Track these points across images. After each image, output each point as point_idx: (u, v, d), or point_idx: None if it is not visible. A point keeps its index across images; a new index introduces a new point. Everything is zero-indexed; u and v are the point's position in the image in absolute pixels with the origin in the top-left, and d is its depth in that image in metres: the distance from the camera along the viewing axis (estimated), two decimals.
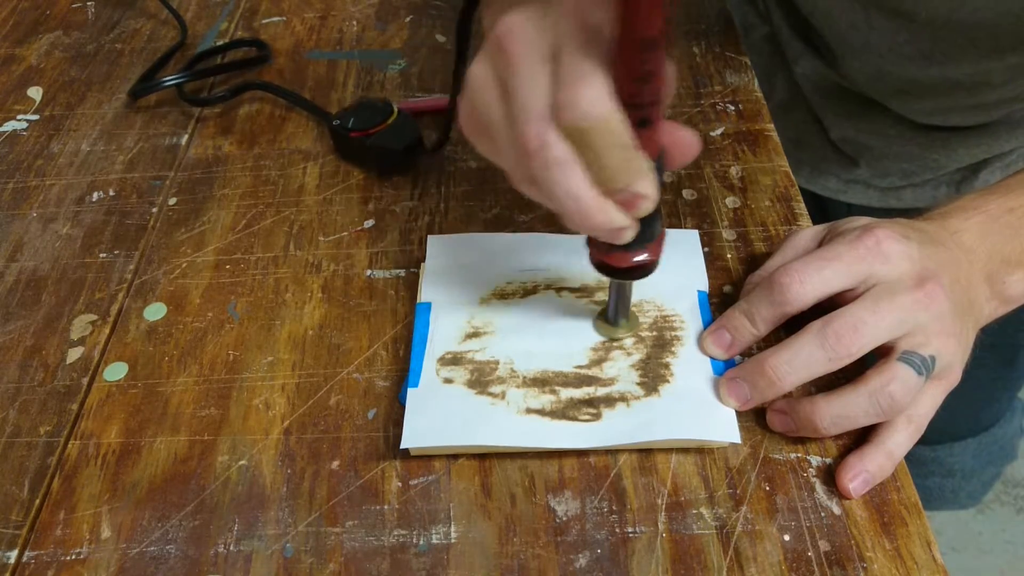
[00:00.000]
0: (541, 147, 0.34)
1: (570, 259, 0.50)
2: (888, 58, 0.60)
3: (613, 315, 0.46)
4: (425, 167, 0.59)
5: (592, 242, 0.40)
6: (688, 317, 0.47)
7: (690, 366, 0.45)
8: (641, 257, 0.40)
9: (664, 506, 0.41)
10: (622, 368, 0.45)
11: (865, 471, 0.40)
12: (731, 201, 0.55)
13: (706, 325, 0.46)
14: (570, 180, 0.35)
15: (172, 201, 0.58)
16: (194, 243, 0.55)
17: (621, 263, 0.40)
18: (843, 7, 0.60)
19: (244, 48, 0.71)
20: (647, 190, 0.35)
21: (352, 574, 0.39)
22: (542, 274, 0.49)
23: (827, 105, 0.70)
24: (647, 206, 0.36)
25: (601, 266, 0.41)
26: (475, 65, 0.37)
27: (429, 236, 0.52)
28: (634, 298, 0.48)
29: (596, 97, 0.33)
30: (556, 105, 0.33)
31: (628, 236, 0.37)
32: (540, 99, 0.34)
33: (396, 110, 0.58)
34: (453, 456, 0.43)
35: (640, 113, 0.34)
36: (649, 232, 0.39)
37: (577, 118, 0.33)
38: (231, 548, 0.40)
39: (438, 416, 0.43)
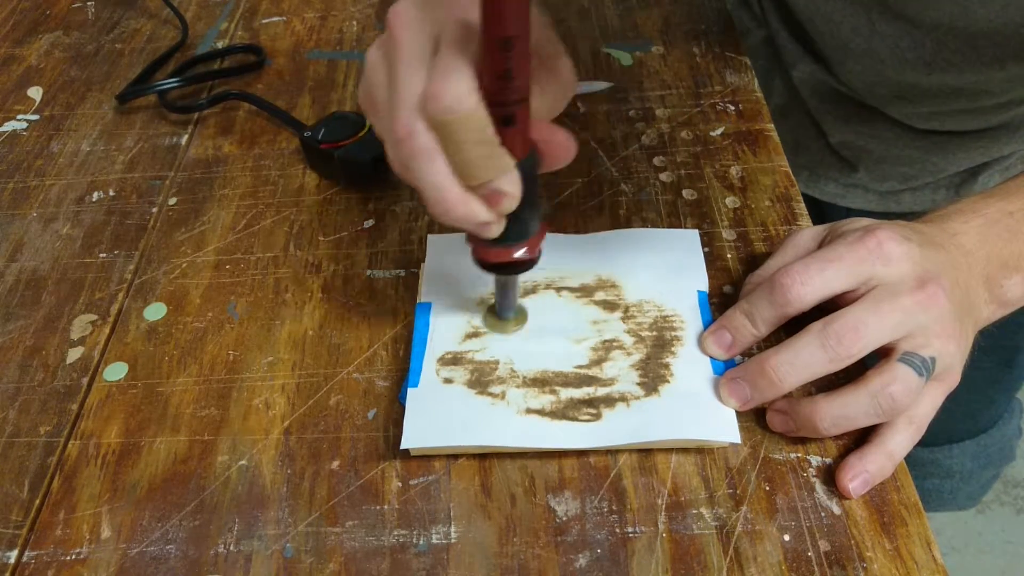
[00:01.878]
0: (408, 136, 0.35)
1: (569, 259, 0.50)
2: (889, 63, 0.60)
3: (500, 310, 0.46)
4: None
5: (470, 236, 0.41)
6: (688, 317, 0.47)
7: (690, 366, 0.45)
8: (517, 253, 0.40)
9: (664, 506, 0.41)
10: (622, 368, 0.45)
11: (865, 471, 0.40)
12: (731, 201, 0.55)
13: (706, 325, 0.46)
14: (433, 170, 0.35)
15: (172, 201, 0.58)
16: (194, 243, 0.55)
17: (495, 258, 0.40)
18: (846, 11, 0.60)
19: (241, 54, 0.71)
20: (508, 187, 0.36)
21: (352, 574, 0.39)
22: (542, 274, 0.49)
23: (826, 109, 0.70)
24: (509, 203, 0.37)
25: (476, 260, 0.42)
26: (372, 47, 0.38)
27: (429, 236, 0.52)
28: (635, 298, 0.48)
29: (460, 92, 0.33)
30: (424, 96, 0.34)
31: (494, 231, 0.38)
32: (414, 89, 0.35)
33: (368, 124, 0.58)
34: (453, 456, 0.43)
35: (504, 111, 0.34)
36: (523, 229, 0.39)
37: (440, 111, 0.34)
38: (231, 548, 0.40)
39: (438, 416, 0.43)
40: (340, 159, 0.56)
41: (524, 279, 0.49)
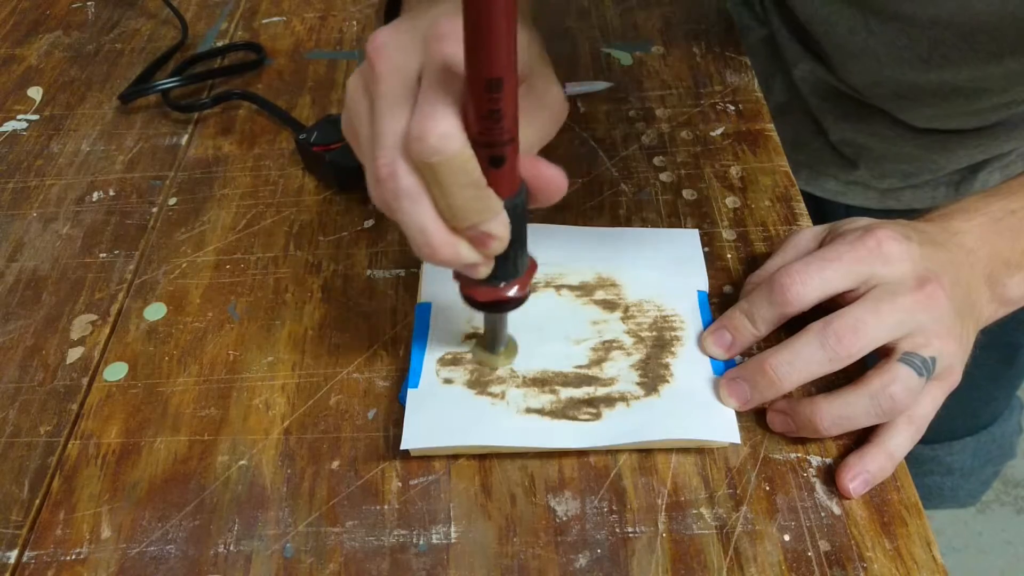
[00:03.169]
0: (390, 176, 0.33)
1: (569, 257, 0.50)
2: (887, 63, 0.60)
3: (490, 345, 0.45)
4: None
5: (456, 274, 0.39)
6: (688, 317, 0.47)
7: (690, 366, 0.45)
8: (507, 292, 0.39)
9: (664, 506, 0.41)
10: (622, 368, 0.45)
11: (865, 471, 0.40)
12: (731, 201, 0.55)
13: (706, 325, 0.46)
14: (417, 213, 0.34)
15: (172, 201, 0.58)
16: (194, 243, 0.55)
17: (484, 297, 0.39)
18: (842, 13, 0.60)
19: (242, 51, 0.71)
20: (497, 230, 0.35)
21: (352, 574, 0.39)
22: (541, 271, 0.49)
23: (826, 107, 0.70)
24: (497, 246, 0.35)
25: (465, 298, 0.40)
26: (352, 76, 0.37)
27: None
28: (635, 297, 0.48)
29: (445, 133, 0.32)
30: (407, 136, 0.33)
31: (483, 272, 0.37)
32: (396, 127, 0.33)
33: None
34: (453, 456, 0.43)
35: (492, 151, 0.33)
36: (511, 268, 0.38)
37: (424, 152, 0.32)
38: (231, 548, 0.40)
39: (438, 417, 0.43)
40: (330, 162, 0.56)
41: None
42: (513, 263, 0.38)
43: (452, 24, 0.31)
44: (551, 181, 0.36)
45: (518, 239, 0.36)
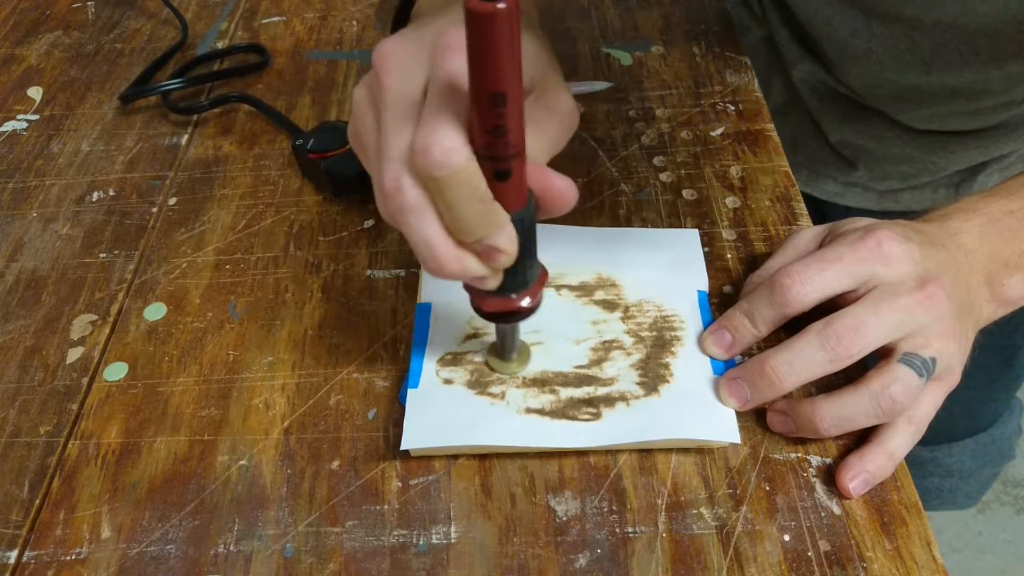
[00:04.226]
0: (396, 190, 0.33)
1: (569, 257, 0.50)
2: (888, 65, 0.60)
3: (502, 353, 0.44)
4: None
5: (466, 286, 0.39)
6: (688, 317, 0.47)
7: (690, 366, 0.45)
8: (518, 303, 0.38)
9: (664, 506, 0.41)
10: (622, 368, 0.45)
11: (865, 471, 0.40)
12: (731, 201, 0.55)
13: (706, 325, 0.46)
14: (423, 227, 0.34)
15: (172, 201, 0.58)
16: (194, 243, 0.55)
17: (493, 308, 0.39)
18: (844, 15, 0.60)
19: (245, 53, 0.71)
20: (503, 244, 0.34)
21: (352, 574, 0.39)
22: None
23: (825, 109, 0.70)
24: (505, 260, 0.35)
25: (475, 309, 0.40)
26: (358, 86, 0.36)
27: None
28: (635, 298, 0.48)
29: (449, 147, 0.31)
30: (412, 150, 0.32)
31: (491, 285, 0.36)
32: (401, 140, 0.33)
33: None
34: (453, 456, 0.43)
35: (498, 165, 0.32)
36: (520, 279, 0.37)
37: (428, 166, 0.31)
38: (231, 548, 0.40)
39: (438, 417, 0.43)
40: (326, 170, 0.55)
41: None
42: (522, 274, 0.37)
43: (457, 35, 0.30)
44: (560, 193, 0.35)
45: (527, 251, 0.36)
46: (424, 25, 0.36)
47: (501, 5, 0.27)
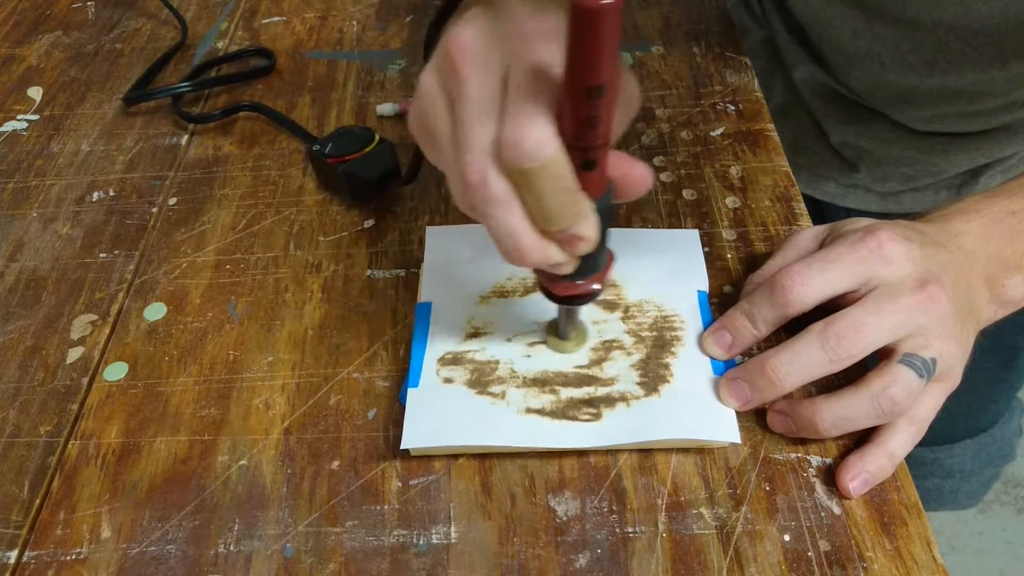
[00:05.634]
0: (481, 183, 0.33)
1: None
2: (890, 67, 0.60)
3: (563, 333, 0.45)
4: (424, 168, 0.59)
5: (537, 269, 0.39)
6: (688, 317, 0.47)
7: (690, 366, 0.45)
8: (589, 287, 0.39)
9: (664, 506, 0.41)
10: (622, 368, 0.45)
11: (865, 471, 0.40)
12: (731, 201, 0.55)
13: (706, 325, 0.46)
14: (508, 218, 0.34)
15: (172, 201, 0.58)
16: (194, 243, 0.55)
17: (565, 292, 0.39)
18: (845, 16, 0.60)
19: (248, 56, 0.71)
20: (587, 232, 0.35)
21: (352, 574, 0.39)
22: None
23: (826, 110, 0.70)
24: (585, 247, 0.35)
25: (546, 293, 0.40)
26: (425, 75, 0.35)
27: (428, 228, 0.52)
28: (635, 298, 0.48)
29: (540, 139, 0.31)
30: (499, 142, 0.32)
31: (568, 270, 0.37)
32: (485, 130, 0.33)
33: (377, 138, 0.57)
34: (453, 456, 0.43)
35: (585, 155, 0.32)
36: (593, 264, 0.38)
37: (520, 159, 0.32)
38: (231, 548, 0.40)
39: (438, 416, 0.43)
40: (344, 173, 0.55)
41: (525, 274, 0.49)
42: (595, 259, 0.38)
43: (536, 22, 0.30)
44: (638, 179, 0.35)
45: (602, 237, 0.36)
46: (495, 14, 0.35)
47: (608, 1, 0.28)
